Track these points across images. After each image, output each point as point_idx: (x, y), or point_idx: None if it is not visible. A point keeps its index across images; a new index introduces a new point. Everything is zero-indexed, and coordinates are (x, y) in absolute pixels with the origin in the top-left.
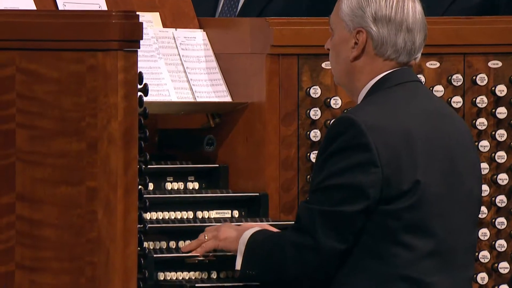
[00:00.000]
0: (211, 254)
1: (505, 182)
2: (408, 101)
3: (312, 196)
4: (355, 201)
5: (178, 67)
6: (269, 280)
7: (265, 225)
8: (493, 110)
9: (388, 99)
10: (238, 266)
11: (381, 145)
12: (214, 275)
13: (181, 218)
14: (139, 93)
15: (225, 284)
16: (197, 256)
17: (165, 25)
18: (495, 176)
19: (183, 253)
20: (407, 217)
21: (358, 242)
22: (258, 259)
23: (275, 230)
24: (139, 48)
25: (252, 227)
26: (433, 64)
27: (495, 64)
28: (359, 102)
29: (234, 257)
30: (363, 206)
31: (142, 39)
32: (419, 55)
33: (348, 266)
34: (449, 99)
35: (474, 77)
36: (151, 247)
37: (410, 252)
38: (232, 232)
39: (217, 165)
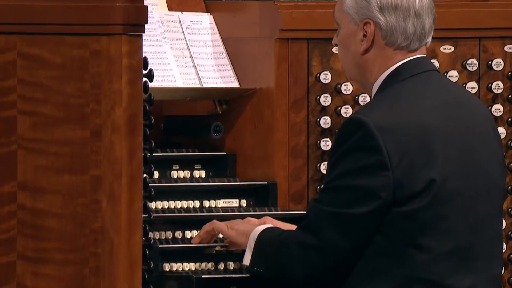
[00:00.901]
0: (222, 245)
1: None
2: (422, 94)
3: (321, 195)
4: (364, 202)
5: (184, 52)
6: (276, 278)
7: (268, 218)
8: (510, 96)
9: (401, 95)
10: (246, 261)
11: (393, 146)
12: (221, 266)
13: (187, 207)
14: (144, 79)
15: (233, 276)
16: (214, 246)
17: (170, 8)
18: (511, 164)
19: (191, 244)
20: (423, 217)
21: (373, 244)
22: (265, 257)
23: (278, 223)
24: (144, 32)
25: (260, 223)
26: (447, 49)
27: (511, 48)
28: (372, 95)
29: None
30: (373, 207)
31: (147, 23)
32: (430, 39)
33: (364, 269)
34: (464, 85)
35: (489, 62)
36: (157, 237)
37: (428, 254)
38: (245, 226)
39: (225, 153)
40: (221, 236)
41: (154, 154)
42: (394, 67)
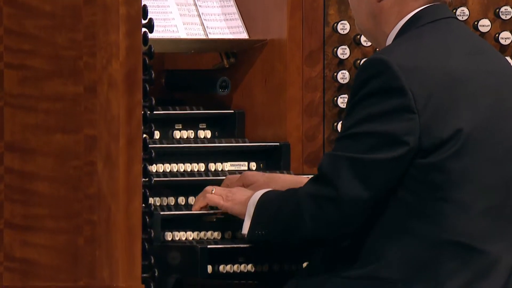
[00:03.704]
0: (222, 212)
1: None
2: (444, 39)
3: (338, 143)
4: (388, 148)
5: (188, 0)
6: (281, 241)
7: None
8: None
9: (423, 37)
10: (245, 230)
11: (418, 88)
12: (228, 235)
13: (191, 171)
14: (144, 30)
15: (241, 246)
16: (215, 214)
17: None
18: None
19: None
20: (452, 168)
21: (400, 202)
22: (268, 216)
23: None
24: None
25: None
26: None
27: None
28: None
29: None
30: (398, 154)
31: None
32: None
33: (388, 230)
34: (497, 35)
35: None
36: (158, 204)
37: (460, 211)
38: (243, 195)
39: (232, 111)
40: None
41: (154, 112)
42: (411, 14)
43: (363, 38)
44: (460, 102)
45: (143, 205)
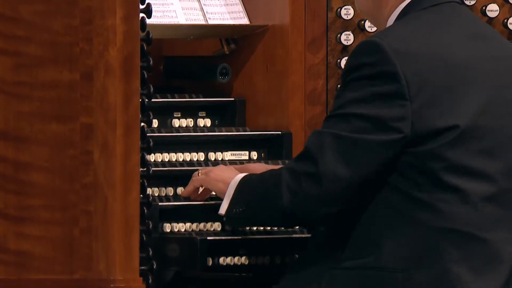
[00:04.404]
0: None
1: None
2: (446, 23)
3: (326, 122)
4: (377, 132)
5: None
6: (259, 217)
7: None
8: None
9: (422, 21)
10: (222, 209)
11: (411, 74)
12: (228, 226)
13: (190, 160)
14: (141, 15)
15: (242, 237)
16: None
17: None
18: None
19: (188, 199)
20: (450, 156)
21: (397, 190)
22: (247, 193)
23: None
24: None
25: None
26: None
27: None
28: None
29: None
30: (389, 139)
31: None
32: None
33: (387, 217)
34: (505, 20)
35: None
36: (156, 194)
37: (459, 198)
38: (226, 173)
39: (233, 99)
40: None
41: (152, 100)
42: None
43: (367, 24)
44: (457, 91)
45: (141, 195)
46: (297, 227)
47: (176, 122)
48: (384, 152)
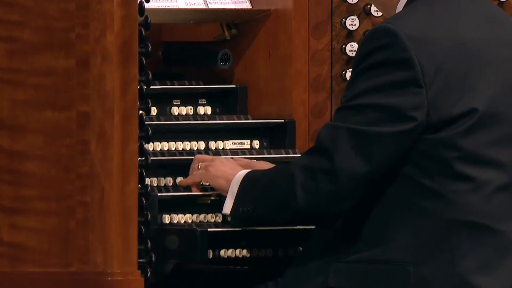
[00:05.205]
0: (217, 193)
1: None
2: (458, 7)
3: (338, 114)
4: (393, 122)
5: None
6: (269, 217)
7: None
8: None
9: (434, 5)
10: (226, 209)
11: (427, 60)
12: (229, 217)
13: (190, 149)
14: None
15: (243, 229)
16: (210, 195)
17: None
18: None
19: (189, 191)
20: (464, 145)
21: (408, 179)
22: (256, 192)
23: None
24: None
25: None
26: None
27: None
28: None
29: None
30: (405, 128)
31: None
32: None
33: (396, 211)
34: None
35: None
36: (155, 185)
37: (473, 187)
38: (226, 168)
39: (234, 86)
40: None
41: (151, 87)
42: None
43: (373, 8)
44: (473, 76)
45: (139, 186)
46: None
47: (175, 110)
48: (401, 143)
